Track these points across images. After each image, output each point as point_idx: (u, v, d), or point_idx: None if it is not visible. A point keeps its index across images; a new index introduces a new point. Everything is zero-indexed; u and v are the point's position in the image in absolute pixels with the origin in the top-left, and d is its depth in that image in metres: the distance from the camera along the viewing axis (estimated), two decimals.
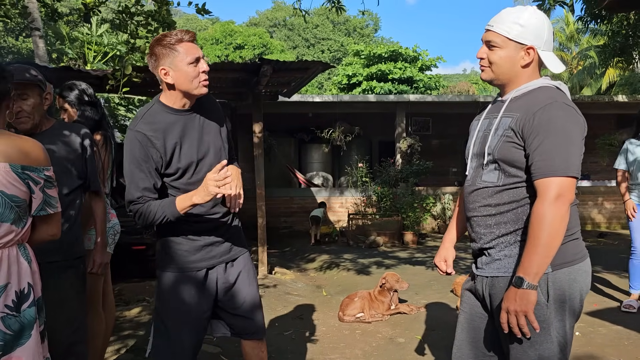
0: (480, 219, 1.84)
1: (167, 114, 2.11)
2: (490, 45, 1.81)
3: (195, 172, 2.15)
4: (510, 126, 1.75)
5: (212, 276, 2.25)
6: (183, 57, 2.03)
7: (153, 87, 6.42)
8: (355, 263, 7.49)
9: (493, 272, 1.81)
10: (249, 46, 30.13)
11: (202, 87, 2.08)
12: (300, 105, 12.03)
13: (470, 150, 1.92)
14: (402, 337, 4.15)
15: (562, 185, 1.64)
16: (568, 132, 1.67)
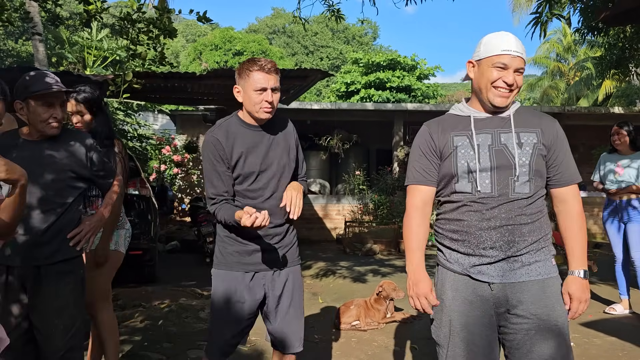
0: (515, 227, 1.91)
1: (240, 127, 2.39)
2: (519, 72, 1.94)
3: (255, 180, 2.38)
4: (541, 142, 1.95)
5: (259, 281, 2.42)
6: (252, 84, 2.28)
7: (152, 93, 6.46)
8: (352, 271, 7.50)
9: (523, 277, 1.92)
10: (248, 52, 30.18)
11: (263, 113, 2.32)
12: (298, 113, 12.08)
13: (479, 164, 1.93)
14: (398, 345, 4.15)
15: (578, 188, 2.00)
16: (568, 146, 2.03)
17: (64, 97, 2.41)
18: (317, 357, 3.88)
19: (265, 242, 2.39)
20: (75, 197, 2.43)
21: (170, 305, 5.04)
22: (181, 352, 3.83)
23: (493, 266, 1.92)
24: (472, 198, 1.94)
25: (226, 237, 2.42)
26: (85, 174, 2.47)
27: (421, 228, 2.04)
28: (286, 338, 2.47)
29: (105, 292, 3.09)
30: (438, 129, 2.06)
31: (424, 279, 2.00)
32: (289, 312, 2.45)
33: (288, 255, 2.48)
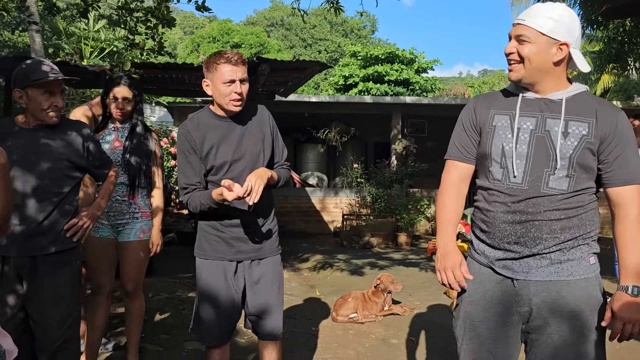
0: (544, 223, 1.74)
1: (212, 119, 2.42)
2: (521, 40, 1.74)
3: (228, 171, 2.40)
4: (592, 134, 1.72)
5: (239, 269, 2.47)
6: (220, 77, 2.30)
7: (150, 84, 6.41)
8: (349, 263, 7.50)
9: (551, 276, 1.76)
10: (246, 45, 30.07)
11: (232, 106, 2.34)
12: (296, 105, 12.04)
13: (515, 150, 1.78)
14: (395, 338, 4.16)
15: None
16: (635, 142, 1.75)
17: (63, 86, 2.38)
18: (314, 349, 3.87)
19: (244, 230, 2.43)
20: (71, 186, 2.42)
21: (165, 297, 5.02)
22: (178, 344, 3.83)
23: (518, 262, 1.79)
24: (500, 187, 1.80)
25: (206, 226, 2.46)
26: (81, 164, 2.45)
27: (454, 203, 1.94)
28: (266, 325, 2.50)
29: (137, 280, 3.22)
30: (483, 104, 1.90)
31: (453, 252, 1.88)
32: (268, 301, 2.47)
33: (267, 245, 2.50)
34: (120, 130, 3.18)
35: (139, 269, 3.21)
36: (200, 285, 2.48)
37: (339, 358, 3.70)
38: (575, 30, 1.73)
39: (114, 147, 3.13)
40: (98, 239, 3.08)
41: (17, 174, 2.26)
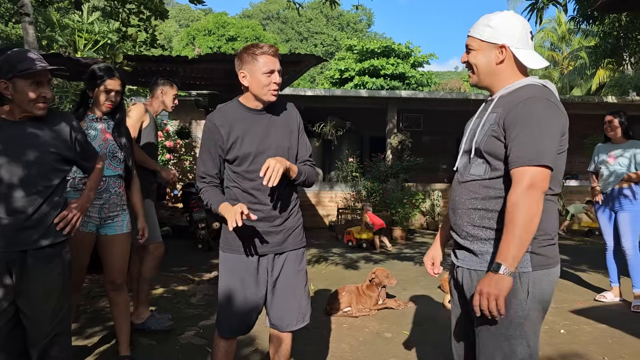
0: (464, 211, 1.89)
1: (240, 111, 2.46)
2: (469, 49, 1.95)
3: (252, 162, 2.41)
4: (495, 121, 1.83)
5: (263, 263, 2.48)
6: (260, 67, 2.35)
7: (144, 77, 6.36)
8: (344, 257, 7.50)
9: (473, 265, 1.88)
10: (241, 38, 29.95)
11: (271, 95, 2.40)
12: (291, 99, 11.91)
13: (462, 148, 2.00)
14: (389, 332, 4.16)
15: (535, 174, 1.71)
16: (543, 124, 1.74)
17: (49, 76, 2.34)
18: (309, 342, 3.87)
19: (267, 225, 2.44)
20: (60, 179, 2.39)
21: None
22: (172, 337, 3.82)
23: (456, 251, 1.98)
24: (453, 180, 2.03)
25: None
26: (69, 156, 2.42)
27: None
28: (283, 317, 2.53)
29: (125, 272, 3.27)
30: None
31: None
32: (286, 292, 2.50)
33: (291, 238, 2.52)
34: (104, 121, 3.15)
35: (126, 261, 3.25)
36: (222, 277, 2.51)
37: (333, 352, 3.69)
38: (514, 32, 1.88)
39: (105, 138, 3.10)
40: (86, 234, 3.05)
41: (3, 167, 2.22)
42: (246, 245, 2.45)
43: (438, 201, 11.64)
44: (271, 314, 2.55)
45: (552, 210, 1.84)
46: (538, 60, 1.91)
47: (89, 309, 4.43)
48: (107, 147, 3.08)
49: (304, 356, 3.58)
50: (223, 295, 2.49)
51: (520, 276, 1.79)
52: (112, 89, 3.09)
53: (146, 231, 3.33)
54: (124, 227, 3.17)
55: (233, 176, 2.45)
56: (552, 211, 1.84)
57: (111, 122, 3.16)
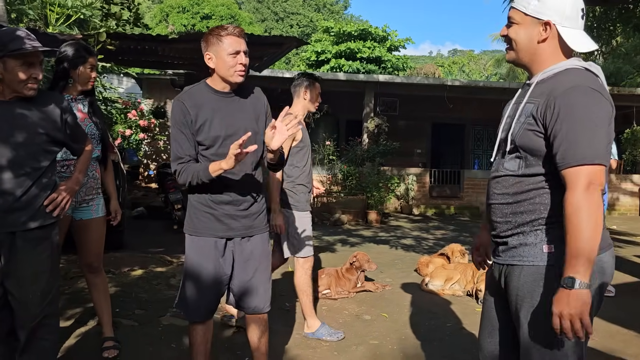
0: (497, 207, 1.78)
1: (208, 93, 2.43)
2: (510, 23, 1.76)
3: (221, 145, 2.39)
4: (531, 113, 1.67)
5: (229, 246, 2.49)
6: (225, 48, 2.33)
7: (126, 55, 6.23)
8: (320, 240, 7.57)
9: (508, 260, 1.76)
10: (216, 16, 29.42)
11: (238, 76, 2.37)
12: (269, 80, 11.92)
13: (498, 137, 1.84)
14: (368, 314, 4.25)
15: (591, 173, 1.56)
16: (592, 118, 1.58)
17: (42, 56, 2.30)
18: (287, 324, 3.93)
19: (235, 208, 2.46)
20: (50, 161, 2.36)
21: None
22: (153, 319, 3.83)
23: (497, 247, 1.84)
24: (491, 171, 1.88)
25: (197, 203, 2.46)
26: (59, 137, 2.39)
27: None
28: (253, 301, 2.55)
29: (102, 255, 3.25)
30: None
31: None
32: (257, 277, 2.53)
33: (257, 222, 2.54)
34: (79, 102, 3.10)
35: (102, 244, 3.23)
36: (189, 261, 2.49)
37: None
38: (564, 8, 1.69)
39: (82, 119, 3.05)
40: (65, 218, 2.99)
41: None
42: (213, 228, 2.44)
43: (412, 185, 11.80)
44: (241, 297, 2.55)
45: None
46: (586, 42, 1.70)
47: (68, 290, 4.39)
48: (85, 128, 3.04)
49: (284, 337, 3.64)
50: (192, 280, 2.47)
51: (554, 270, 1.63)
52: (94, 66, 3.07)
53: (119, 214, 3.30)
54: (99, 210, 3.15)
55: (202, 160, 2.43)
56: None
57: (86, 102, 3.11)
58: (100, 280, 3.24)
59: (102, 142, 3.15)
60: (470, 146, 15.89)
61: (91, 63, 3.06)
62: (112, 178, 3.33)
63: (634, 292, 4.95)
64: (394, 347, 3.54)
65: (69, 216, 3.03)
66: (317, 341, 3.59)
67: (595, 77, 1.68)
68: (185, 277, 2.50)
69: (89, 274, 3.21)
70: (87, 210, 3.09)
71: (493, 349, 1.88)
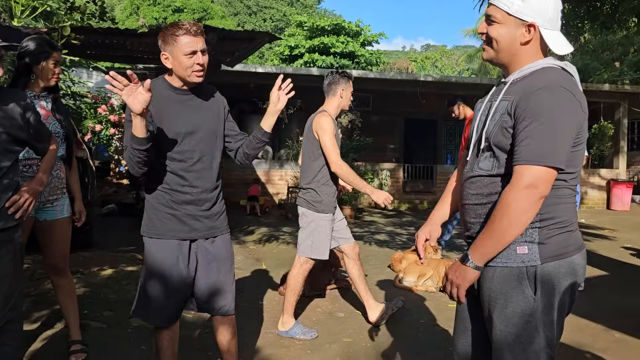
0: (471, 207, 1.76)
1: (167, 90, 2.37)
2: (491, 20, 1.71)
3: (181, 143, 2.35)
4: (506, 109, 1.65)
5: (192, 248, 2.43)
6: (181, 48, 2.24)
7: (89, 49, 6.08)
8: (295, 236, 7.51)
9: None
10: (188, 10, 29.06)
11: (195, 77, 2.30)
12: (242, 76, 11.81)
13: (473, 135, 1.81)
14: (342, 311, 4.24)
15: (536, 175, 1.54)
16: (555, 119, 1.55)
17: (2, 52, 2.21)
18: (262, 323, 3.90)
19: (197, 208, 2.40)
20: (12, 161, 2.27)
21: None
22: (123, 320, 3.75)
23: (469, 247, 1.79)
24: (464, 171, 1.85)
25: (157, 204, 2.39)
26: (21, 137, 2.30)
27: None
28: (219, 302, 2.51)
29: (67, 256, 3.15)
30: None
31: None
32: (222, 278, 2.48)
33: (218, 223, 2.50)
34: (42, 98, 3.00)
35: (68, 245, 3.15)
36: (151, 265, 2.40)
37: None
38: (547, 11, 1.66)
39: (46, 116, 2.95)
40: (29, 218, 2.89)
41: None
42: (176, 230, 2.37)
43: (386, 180, 11.85)
44: (204, 298, 2.49)
45: (567, 195, 1.66)
46: (565, 45, 1.67)
47: (34, 292, 4.27)
48: (48, 126, 2.94)
49: (257, 337, 3.60)
50: (155, 284, 2.37)
51: (526, 271, 1.64)
52: (58, 61, 2.97)
53: (83, 215, 3.21)
54: (64, 211, 3.06)
55: (161, 159, 2.35)
56: (568, 197, 1.67)
57: (49, 99, 3.02)
58: (66, 281, 3.15)
59: (67, 141, 3.05)
60: (442, 141, 16.04)
61: (55, 58, 2.96)
62: (76, 177, 3.23)
63: (602, 286, 5.06)
64: (367, 344, 3.54)
65: (32, 217, 2.93)
66: (290, 340, 3.57)
67: (570, 76, 1.67)
68: (146, 282, 2.40)
69: (54, 275, 3.12)
70: (51, 211, 2.99)
71: (466, 349, 1.88)
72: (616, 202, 12.91)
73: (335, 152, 3.57)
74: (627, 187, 12.89)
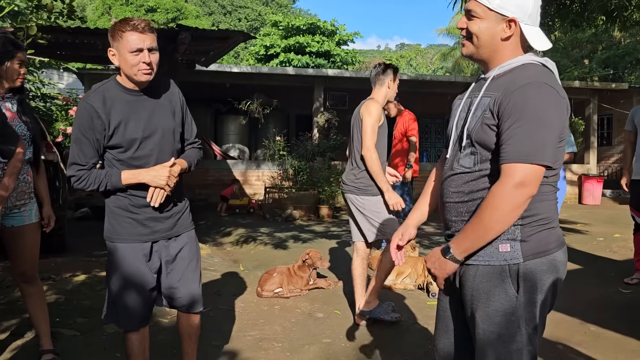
0: (452, 205, 1.75)
1: (119, 92, 2.29)
2: (471, 15, 1.69)
3: (138, 148, 2.30)
4: (488, 106, 1.64)
5: (155, 249, 2.41)
6: (126, 45, 2.18)
7: (58, 49, 5.94)
8: (272, 237, 7.49)
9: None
10: (161, 10, 28.71)
11: (142, 75, 2.23)
12: (217, 75, 11.71)
13: (452, 132, 1.80)
14: (321, 311, 4.21)
15: (525, 173, 1.53)
16: (542, 117, 1.55)
17: None
18: (241, 325, 3.85)
19: (158, 210, 2.38)
20: None
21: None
22: (97, 327, 3.66)
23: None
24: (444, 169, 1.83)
25: (116, 208, 2.36)
26: None
27: None
28: (185, 298, 2.50)
29: (37, 263, 3.07)
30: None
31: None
32: (186, 275, 2.47)
33: (181, 221, 2.49)
34: (7, 100, 2.90)
35: (37, 251, 3.05)
36: (115, 270, 2.37)
37: (265, 334, 3.70)
38: (528, 6, 1.65)
39: (12, 119, 2.85)
40: None
41: None
42: (137, 233, 2.36)
43: None
44: (177, 297, 2.49)
45: (548, 192, 1.66)
46: (544, 41, 1.68)
47: (3, 300, 4.15)
48: (14, 128, 2.84)
49: (235, 340, 3.56)
50: (120, 289, 2.36)
51: (509, 269, 1.63)
52: (23, 61, 2.88)
53: (52, 220, 3.12)
54: (32, 216, 2.96)
55: (117, 164, 2.31)
56: (549, 193, 1.67)
57: (15, 100, 2.92)
58: (36, 289, 3.06)
59: (34, 143, 2.96)
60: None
61: (20, 58, 2.87)
62: (44, 181, 3.13)
63: (576, 280, 5.13)
64: (346, 345, 3.52)
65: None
66: (269, 342, 3.53)
67: (551, 73, 1.66)
68: (111, 287, 2.39)
69: (23, 283, 3.02)
70: (18, 216, 2.89)
71: (449, 349, 1.87)
72: (587, 196, 13.15)
73: (372, 138, 3.69)
74: (598, 181, 13.15)
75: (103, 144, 2.28)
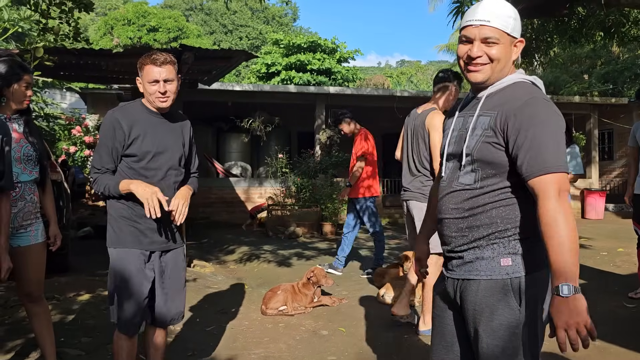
0: (452, 221, 1.76)
1: (142, 111, 2.63)
2: (491, 42, 1.70)
3: (151, 160, 2.59)
4: (490, 125, 1.68)
5: (151, 259, 2.62)
6: (146, 76, 2.54)
7: (62, 70, 6.01)
8: (276, 254, 7.49)
9: (464, 274, 1.74)
10: (163, 29, 29.00)
11: (159, 102, 2.57)
12: (219, 94, 11.79)
13: (446, 150, 1.84)
14: (325, 329, 4.20)
15: (559, 180, 1.57)
16: (554, 127, 1.62)
17: None
18: (245, 343, 3.84)
19: (157, 222, 2.56)
20: None
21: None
22: (101, 346, 3.65)
23: (448, 261, 1.84)
24: (441, 186, 1.86)
25: (120, 218, 2.58)
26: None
27: None
28: (168, 314, 2.70)
29: (42, 283, 3.08)
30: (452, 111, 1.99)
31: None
32: (172, 290, 2.69)
33: (174, 237, 2.70)
34: (14, 121, 2.93)
35: (43, 272, 3.05)
36: (119, 274, 2.55)
37: (270, 352, 3.69)
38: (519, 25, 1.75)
39: (18, 139, 2.88)
40: None
41: None
42: (139, 241, 2.57)
43: None
44: (157, 310, 2.67)
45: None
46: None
47: (8, 320, 4.14)
48: (21, 149, 2.87)
49: (242, 358, 3.55)
50: (123, 293, 2.54)
51: (511, 282, 1.65)
52: (30, 83, 2.92)
53: (59, 239, 3.13)
54: (39, 236, 2.96)
55: (129, 172, 2.57)
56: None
57: (21, 121, 2.96)
58: (42, 309, 3.05)
59: (40, 164, 2.99)
60: None
61: (26, 81, 2.90)
62: (51, 201, 3.16)
63: None
64: None
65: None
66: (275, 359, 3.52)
67: (542, 90, 1.73)
68: (114, 292, 2.57)
69: (29, 303, 3.01)
70: (25, 236, 2.91)
71: None
72: (590, 211, 13.13)
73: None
74: (601, 196, 13.14)
75: (120, 153, 2.56)
